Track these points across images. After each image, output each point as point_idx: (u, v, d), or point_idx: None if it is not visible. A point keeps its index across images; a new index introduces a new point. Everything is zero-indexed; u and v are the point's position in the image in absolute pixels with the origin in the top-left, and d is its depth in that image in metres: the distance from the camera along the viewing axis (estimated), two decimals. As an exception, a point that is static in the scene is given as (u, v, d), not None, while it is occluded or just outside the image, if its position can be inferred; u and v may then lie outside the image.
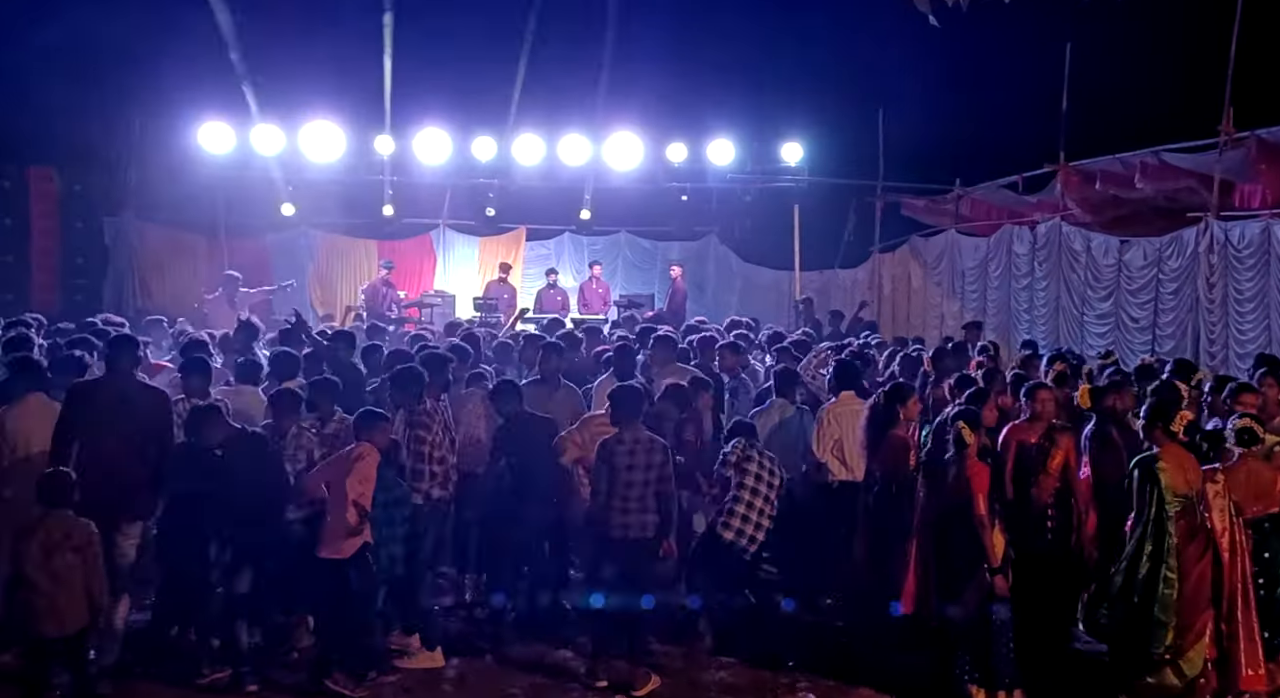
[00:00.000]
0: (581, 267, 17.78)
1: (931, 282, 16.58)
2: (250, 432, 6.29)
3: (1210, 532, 5.65)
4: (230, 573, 6.02)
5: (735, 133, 16.76)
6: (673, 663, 6.41)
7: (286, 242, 17.17)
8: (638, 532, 6.15)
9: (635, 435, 6.18)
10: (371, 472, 5.96)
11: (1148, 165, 11.83)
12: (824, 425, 7.25)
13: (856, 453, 7.11)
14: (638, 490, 6.12)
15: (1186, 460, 5.77)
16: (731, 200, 17.74)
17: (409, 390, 6.63)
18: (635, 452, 6.13)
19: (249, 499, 6.01)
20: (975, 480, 5.83)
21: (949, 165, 16.02)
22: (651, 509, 6.16)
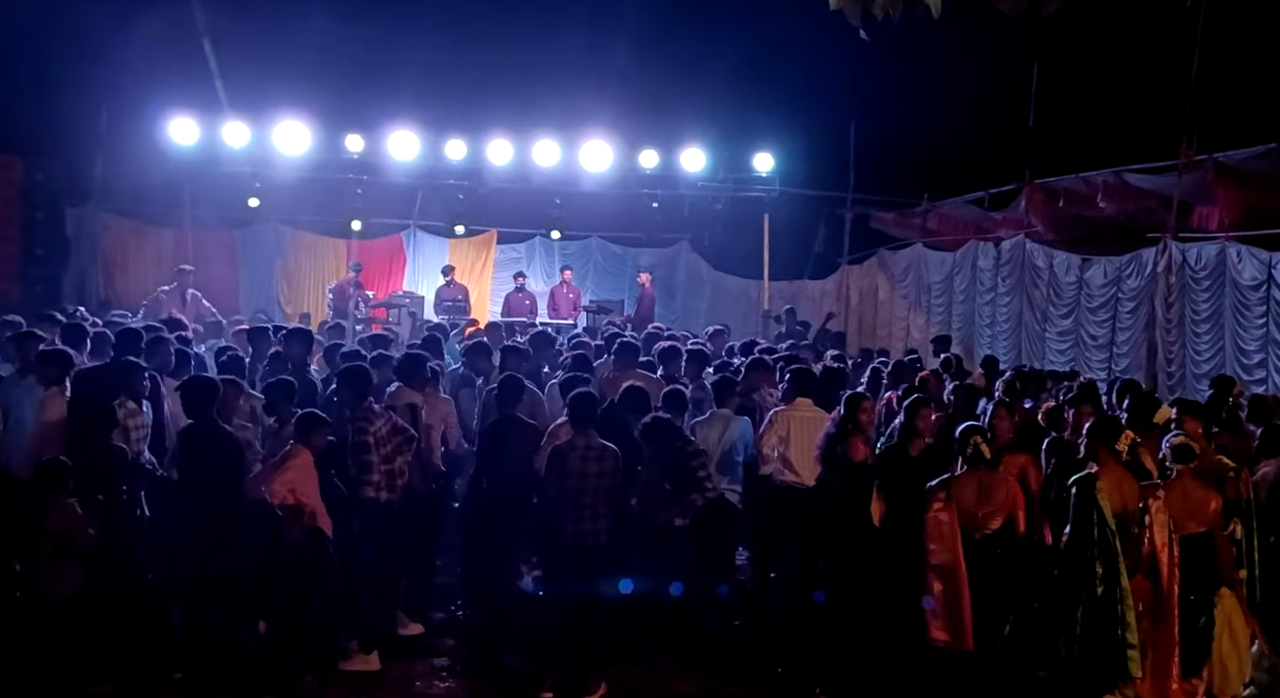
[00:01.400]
0: (552, 271, 17.76)
1: (898, 294, 16.72)
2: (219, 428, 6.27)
3: (1151, 549, 5.73)
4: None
5: (708, 141, 16.80)
6: (624, 670, 6.39)
7: (254, 237, 17.04)
8: (591, 539, 6.12)
9: (588, 442, 6.16)
10: (307, 472, 5.98)
11: (1110, 185, 12.01)
12: (771, 424, 7.30)
13: (807, 459, 7.15)
14: (590, 498, 6.10)
15: (1125, 481, 5.86)
16: (703, 208, 17.75)
17: (354, 389, 6.57)
18: (587, 458, 6.11)
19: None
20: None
21: (918, 179, 16.18)
22: (604, 516, 6.14)
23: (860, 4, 4.26)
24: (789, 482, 7.26)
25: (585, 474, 6.08)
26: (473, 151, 16.10)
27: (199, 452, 6.15)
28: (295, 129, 15.43)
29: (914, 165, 16.11)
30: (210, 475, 6.09)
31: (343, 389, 6.66)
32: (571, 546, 6.12)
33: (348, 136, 15.68)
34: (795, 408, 7.33)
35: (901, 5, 4.26)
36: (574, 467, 6.09)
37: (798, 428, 7.24)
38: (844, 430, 6.82)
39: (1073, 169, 12.82)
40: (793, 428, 7.24)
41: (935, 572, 5.92)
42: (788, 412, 7.33)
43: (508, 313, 15.73)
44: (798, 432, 7.24)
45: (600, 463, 6.13)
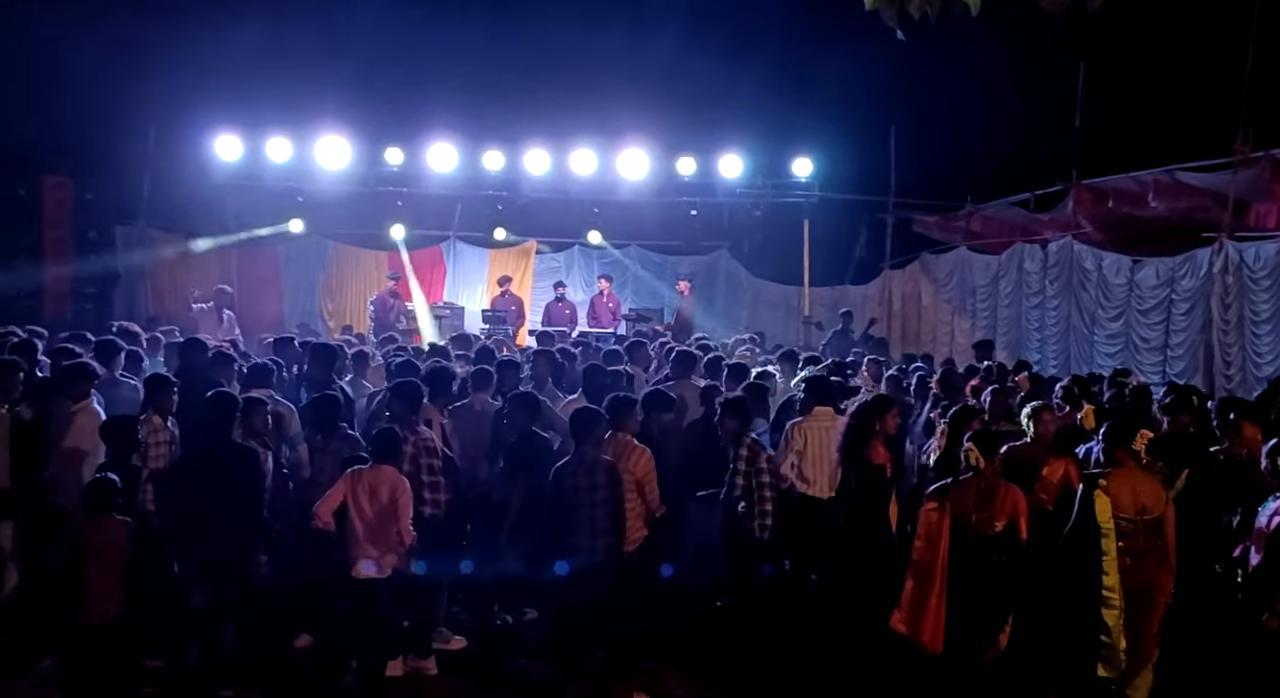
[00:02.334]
0: (591, 280, 17.75)
1: (942, 299, 16.49)
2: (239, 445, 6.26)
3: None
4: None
5: (746, 147, 16.72)
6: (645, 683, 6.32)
7: (297, 251, 17.23)
8: (586, 556, 6.04)
9: (581, 457, 6.11)
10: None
11: (1161, 184, 11.72)
12: (789, 440, 7.17)
13: (825, 468, 7.04)
14: (585, 513, 6.02)
15: (1142, 482, 5.75)
16: (741, 215, 17.69)
17: (408, 404, 6.56)
18: (578, 474, 6.05)
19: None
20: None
21: (961, 182, 15.94)
22: (603, 533, 6.06)
23: (896, 3, 4.15)
24: (806, 494, 7.13)
25: (578, 489, 6.02)
26: (511, 162, 16.19)
27: (217, 469, 6.01)
28: (336, 143, 15.63)
29: (956, 168, 15.88)
30: (229, 493, 5.96)
31: (397, 404, 6.65)
32: (574, 562, 6.07)
33: (387, 150, 15.86)
34: (813, 418, 7.19)
35: (939, 4, 4.14)
36: (567, 483, 6.05)
37: (816, 439, 7.11)
38: (866, 433, 6.67)
39: (1122, 168, 12.54)
40: (810, 439, 7.10)
41: (912, 567, 5.93)
42: (805, 423, 7.18)
43: (548, 322, 15.74)
44: (816, 443, 7.10)
45: (591, 476, 6.05)
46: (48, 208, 15.33)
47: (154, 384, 6.86)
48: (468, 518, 7.07)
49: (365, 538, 5.88)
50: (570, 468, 6.10)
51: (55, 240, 15.35)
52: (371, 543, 5.88)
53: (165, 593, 6.01)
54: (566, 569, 6.11)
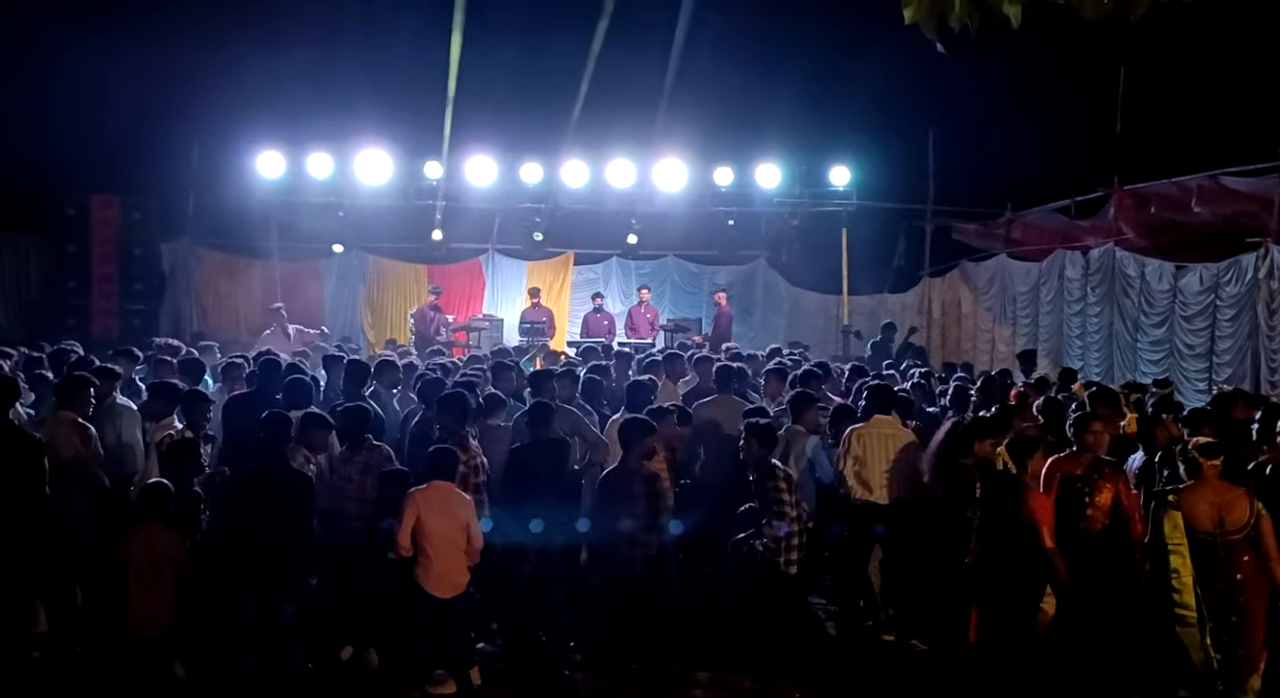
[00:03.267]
0: (629, 291, 17.80)
1: (982, 307, 16.35)
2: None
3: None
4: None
5: (783, 156, 16.71)
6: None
7: (338, 265, 17.46)
8: (624, 567, 6.09)
9: (624, 466, 6.18)
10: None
11: (1205, 189, 11.55)
12: (847, 446, 7.17)
13: (881, 476, 7.04)
14: (626, 523, 6.07)
15: (1223, 494, 5.64)
16: (779, 224, 17.66)
17: (455, 416, 6.64)
18: (619, 483, 6.12)
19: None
20: (1039, 513, 5.72)
21: (1000, 189, 15.80)
22: (640, 543, 6.08)
23: (936, 16, 4.13)
24: (865, 499, 7.12)
25: (617, 499, 6.09)
26: (548, 174, 16.30)
27: (270, 489, 6.09)
28: (376, 158, 15.84)
29: (996, 175, 15.74)
30: (281, 513, 6.06)
31: (444, 416, 6.72)
32: (611, 572, 6.16)
33: (427, 163, 16.03)
34: (872, 425, 7.20)
35: (980, 16, 4.12)
36: (608, 492, 6.14)
37: (875, 446, 7.11)
38: (962, 450, 6.62)
39: (1164, 174, 12.37)
40: (869, 446, 7.11)
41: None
42: (863, 430, 7.19)
43: (586, 334, 15.82)
44: (875, 449, 7.10)
45: (629, 487, 6.10)
46: (95, 226, 15.65)
47: (192, 399, 7.03)
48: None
49: (436, 555, 5.97)
50: (614, 477, 6.18)
51: (103, 258, 15.67)
52: (442, 559, 5.97)
53: (219, 607, 6.13)
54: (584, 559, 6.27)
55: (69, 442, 6.59)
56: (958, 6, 4.06)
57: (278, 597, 6.03)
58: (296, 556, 6.09)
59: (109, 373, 7.45)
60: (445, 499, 6.05)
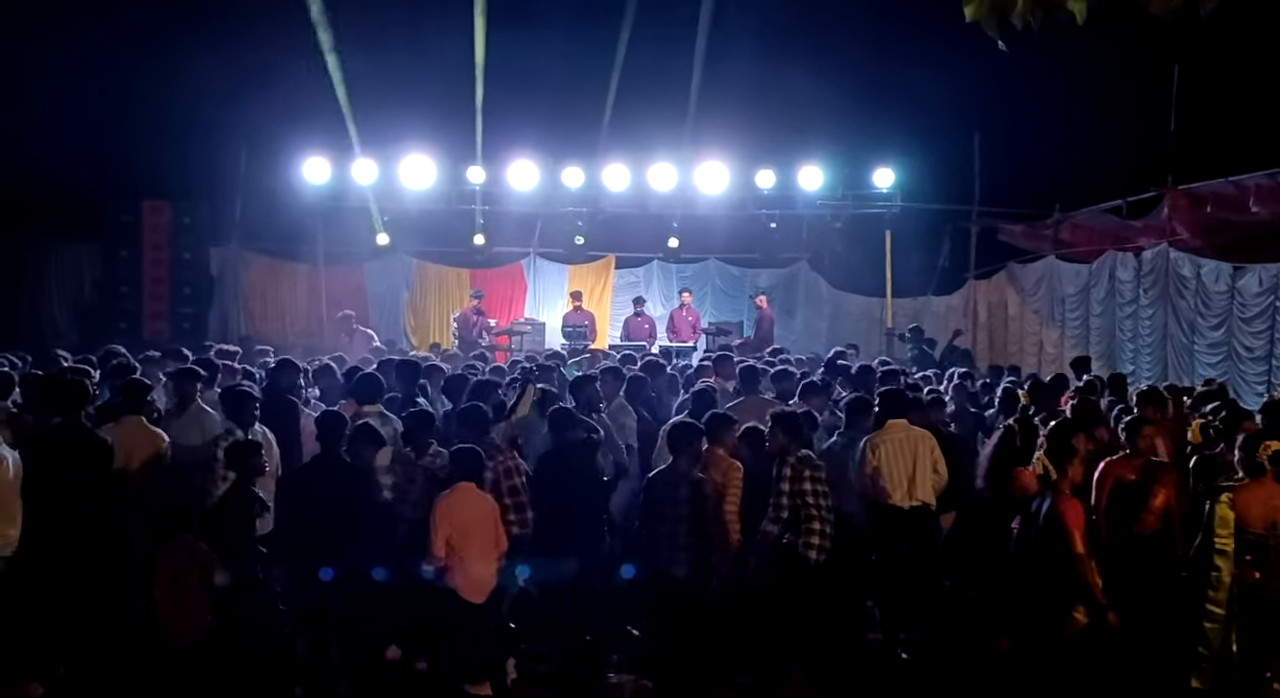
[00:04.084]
0: (670, 294, 17.77)
1: (1029, 309, 16.10)
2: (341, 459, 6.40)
3: None
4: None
5: (825, 158, 16.58)
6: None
7: (382, 270, 17.61)
8: (666, 570, 6.06)
9: (672, 470, 6.17)
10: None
11: (1263, 188, 11.27)
12: (864, 456, 7.11)
13: (901, 481, 6.98)
14: (668, 527, 6.05)
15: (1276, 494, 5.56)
16: (821, 227, 17.53)
17: (474, 428, 6.65)
18: (666, 486, 6.11)
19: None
20: (1069, 517, 5.61)
21: (1048, 189, 15.54)
22: (684, 547, 6.05)
23: (997, 14, 4.06)
24: (889, 504, 7.08)
25: (663, 500, 6.08)
26: (590, 178, 16.30)
27: (326, 485, 6.20)
28: (419, 163, 15.93)
29: (1043, 175, 15.48)
30: (336, 509, 6.12)
31: (462, 428, 6.75)
32: (654, 576, 6.15)
33: (469, 168, 16.11)
34: (887, 432, 7.15)
35: (1043, 13, 4.04)
36: (655, 493, 6.14)
37: (892, 451, 7.07)
38: (1012, 457, 6.53)
39: (1219, 173, 12.09)
40: (885, 453, 7.06)
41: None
42: (877, 438, 7.14)
43: (627, 337, 15.80)
44: (892, 454, 7.06)
45: (675, 489, 6.07)
46: (147, 231, 15.95)
47: (234, 399, 7.08)
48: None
49: (468, 560, 5.98)
50: (660, 480, 6.17)
51: (154, 262, 15.96)
52: (474, 564, 5.98)
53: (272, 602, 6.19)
54: (631, 573, 6.25)
55: (140, 446, 6.65)
56: (1020, 4, 3.99)
57: (327, 591, 6.07)
58: (348, 551, 6.12)
59: (192, 374, 7.49)
60: (472, 502, 6.04)
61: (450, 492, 6.03)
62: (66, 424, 6.35)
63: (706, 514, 6.09)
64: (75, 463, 6.13)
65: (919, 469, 7.00)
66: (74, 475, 6.09)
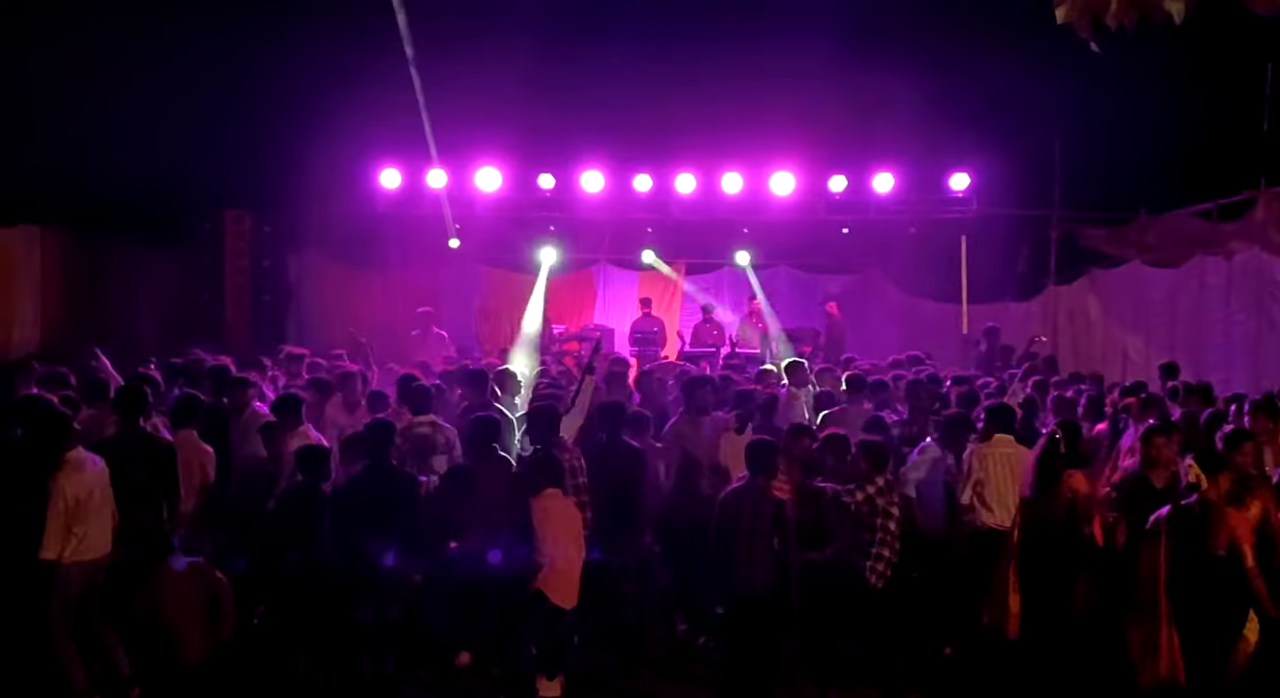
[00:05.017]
0: (740, 301, 17.65)
1: (1113, 316, 15.64)
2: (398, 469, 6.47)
3: None
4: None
5: (899, 163, 16.34)
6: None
7: (454, 276, 17.79)
8: (742, 585, 5.99)
9: (750, 485, 6.09)
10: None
11: (1364, 190, 10.78)
12: (969, 467, 6.93)
13: (1006, 497, 6.79)
14: (743, 541, 5.97)
15: None
16: (894, 232, 17.27)
17: (543, 427, 6.70)
18: (742, 502, 6.04)
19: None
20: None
21: (1133, 192, 15.07)
22: (761, 564, 5.96)
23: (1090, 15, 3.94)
24: (989, 524, 6.86)
25: (738, 517, 6.00)
26: (660, 184, 16.31)
27: (375, 492, 6.27)
28: (491, 171, 16.09)
29: (1128, 177, 15.01)
30: (387, 516, 6.20)
31: (532, 428, 6.80)
32: (730, 590, 6.10)
33: (539, 175, 16.22)
34: (994, 445, 6.95)
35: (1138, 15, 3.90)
36: (730, 509, 6.05)
37: (997, 467, 6.86)
38: (1062, 460, 6.31)
39: (1317, 173, 11.61)
40: (991, 467, 6.86)
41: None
42: (984, 450, 6.95)
43: (696, 344, 15.74)
44: (998, 470, 6.85)
45: (755, 506, 5.99)
46: (229, 240, 16.34)
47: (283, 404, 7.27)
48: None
49: (562, 563, 6.01)
50: (735, 495, 6.06)
51: (235, 270, 16.34)
52: (568, 567, 6.02)
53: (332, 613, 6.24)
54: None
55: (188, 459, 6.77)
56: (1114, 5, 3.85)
57: (385, 598, 6.12)
58: (403, 557, 6.17)
59: (243, 382, 7.65)
60: (562, 507, 6.06)
61: (542, 496, 6.04)
62: (125, 429, 6.49)
63: (786, 531, 6.02)
64: (134, 467, 6.24)
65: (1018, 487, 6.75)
66: (132, 480, 6.21)
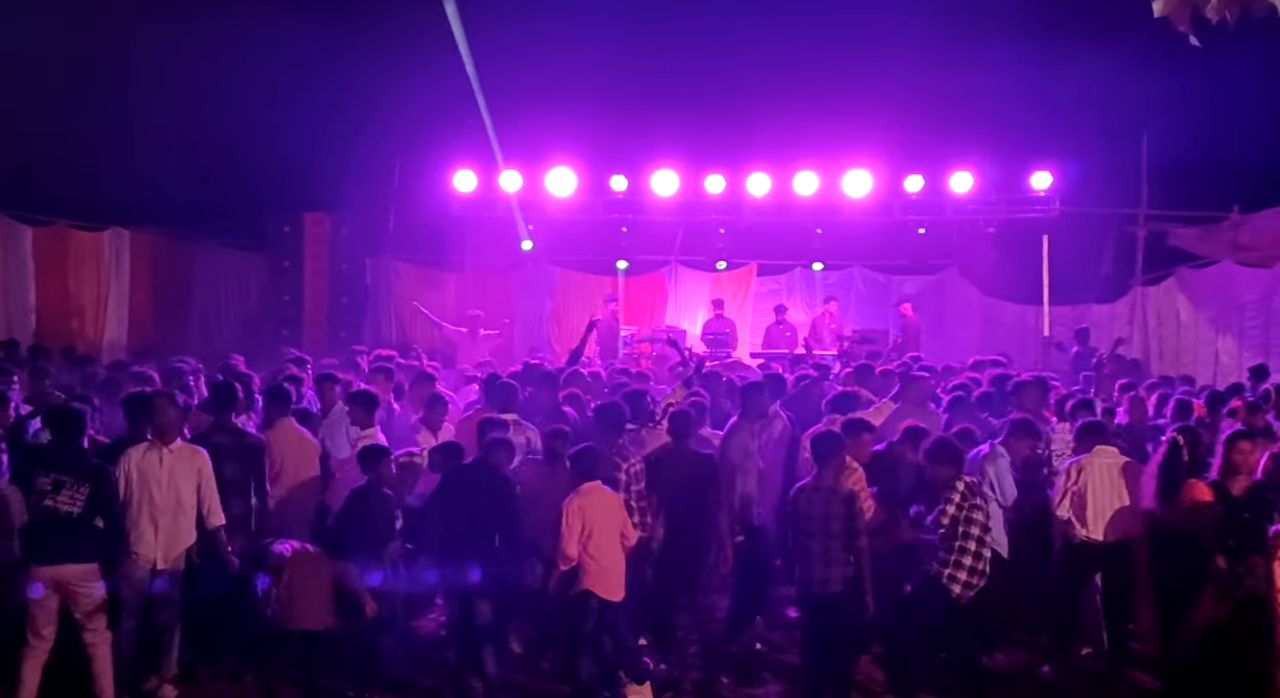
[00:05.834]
0: (813, 302, 17.46)
1: (1203, 317, 15.11)
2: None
3: None
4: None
5: (978, 161, 16.00)
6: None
7: (527, 278, 17.92)
8: (819, 587, 5.87)
9: (819, 483, 5.99)
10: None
11: None
12: (1068, 478, 6.71)
13: (1106, 510, 6.58)
14: (819, 542, 5.87)
15: None
16: (972, 232, 16.92)
17: (610, 426, 6.68)
18: (813, 501, 5.93)
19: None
20: None
21: (1225, 190, 14.52)
22: (838, 563, 5.85)
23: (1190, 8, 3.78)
24: (1084, 538, 6.66)
25: (812, 517, 5.90)
26: (732, 185, 16.23)
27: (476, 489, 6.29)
28: (563, 173, 16.19)
29: (1219, 175, 14.44)
30: (482, 514, 6.21)
31: (598, 425, 6.80)
32: (806, 593, 6.00)
33: (612, 177, 16.26)
34: (1095, 455, 6.73)
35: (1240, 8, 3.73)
36: (802, 508, 5.97)
37: (1097, 478, 6.64)
38: (1184, 469, 6.12)
39: None
40: (1091, 478, 6.64)
41: None
42: (1084, 460, 6.74)
43: (769, 345, 15.61)
44: (1099, 482, 6.63)
45: (826, 506, 5.87)
46: (308, 242, 16.67)
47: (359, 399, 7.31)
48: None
49: (602, 558, 5.96)
50: (806, 494, 5.96)
51: (314, 273, 16.67)
52: (609, 560, 5.94)
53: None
54: None
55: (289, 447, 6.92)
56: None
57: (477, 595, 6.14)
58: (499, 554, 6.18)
59: (331, 378, 7.77)
60: (602, 501, 6.01)
61: (577, 494, 6.03)
62: (217, 424, 6.66)
63: (859, 528, 5.90)
64: (227, 462, 6.39)
65: (1125, 500, 6.60)
66: (226, 474, 6.35)
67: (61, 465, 5.70)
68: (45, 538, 5.64)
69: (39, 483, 5.66)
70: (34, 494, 5.67)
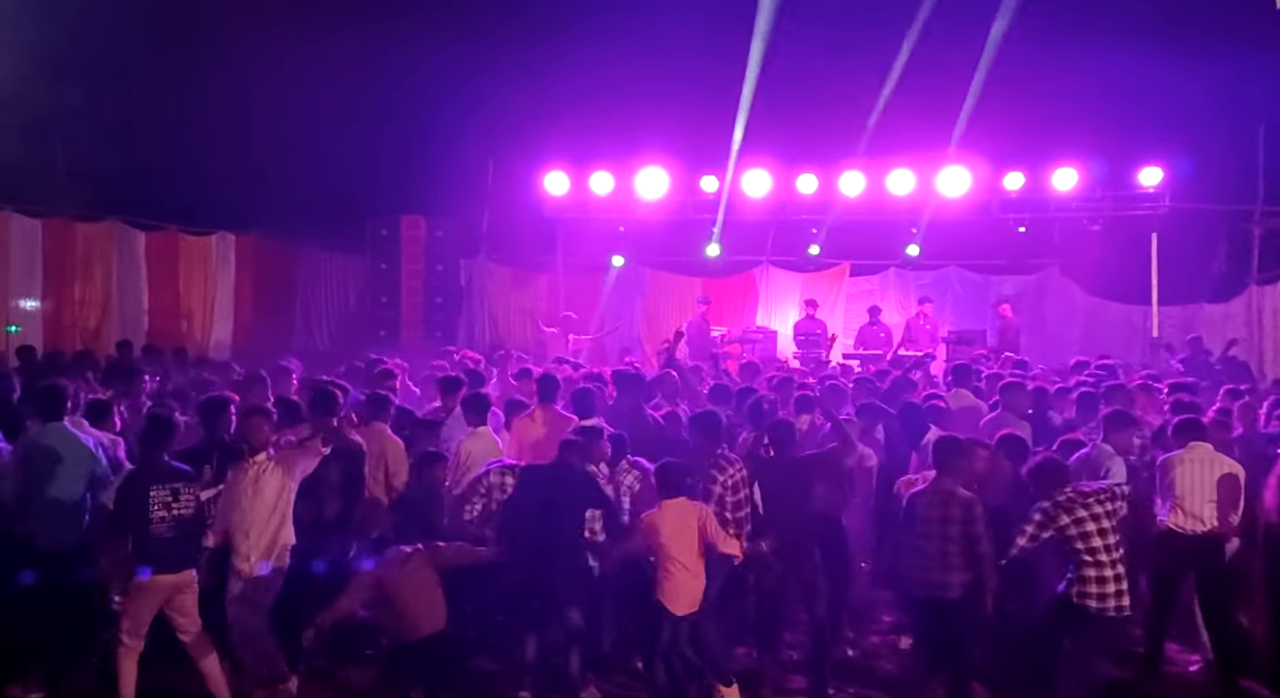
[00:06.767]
0: (907, 302, 17.12)
1: (1324, 317, 14.34)
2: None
3: None
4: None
5: (1082, 157, 15.46)
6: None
7: (618, 279, 18.00)
8: (937, 591, 5.76)
9: (937, 487, 5.88)
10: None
11: None
12: (1163, 474, 6.69)
13: (1200, 507, 6.54)
14: (936, 546, 5.76)
15: None
16: (1076, 230, 16.37)
17: (706, 434, 6.58)
18: (932, 505, 5.84)
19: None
20: None
21: (1350, 184, 13.78)
22: (957, 568, 5.73)
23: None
24: (1179, 529, 6.61)
25: (930, 520, 5.81)
26: (824, 185, 16.02)
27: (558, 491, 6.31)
28: (654, 174, 16.20)
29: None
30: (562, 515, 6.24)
31: (695, 434, 6.72)
32: (920, 596, 5.91)
33: (703, 178, 16.21)
34: (1190, 452, 6.68)
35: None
36: (919, 512, 5.87)
37: (1193, 474, 6.60)
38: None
39: None
40: (1185, 475, 6.61)
41: None
42: (1179, 457, 6.69)
43: (861, 346, 15.36)
44: (1193, 478, 6.59)
45: (945, 509, 5.76)
46: (404, 245, 17.04)
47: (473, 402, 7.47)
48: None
49: (675, 571, 5.93)
50: (924, 498, 5.90)
51: (411, 274, 17.02)
52: (681, 575, 5.93)
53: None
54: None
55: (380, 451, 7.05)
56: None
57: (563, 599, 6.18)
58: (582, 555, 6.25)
59: (455, 382, 7.99)
60: (678, 515, 5.95)
61: (656, 510, 6.04)
62: (318, 429, 6.67)
63: (979, 534, 5.77)
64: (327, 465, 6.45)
65: (1221, 496, 6.53)
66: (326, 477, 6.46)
67: (174, 473, 5.88)
68: (164, 546, 5.76)
69: (156, 494, 5.75)
70: (156, 505, 5.75)
